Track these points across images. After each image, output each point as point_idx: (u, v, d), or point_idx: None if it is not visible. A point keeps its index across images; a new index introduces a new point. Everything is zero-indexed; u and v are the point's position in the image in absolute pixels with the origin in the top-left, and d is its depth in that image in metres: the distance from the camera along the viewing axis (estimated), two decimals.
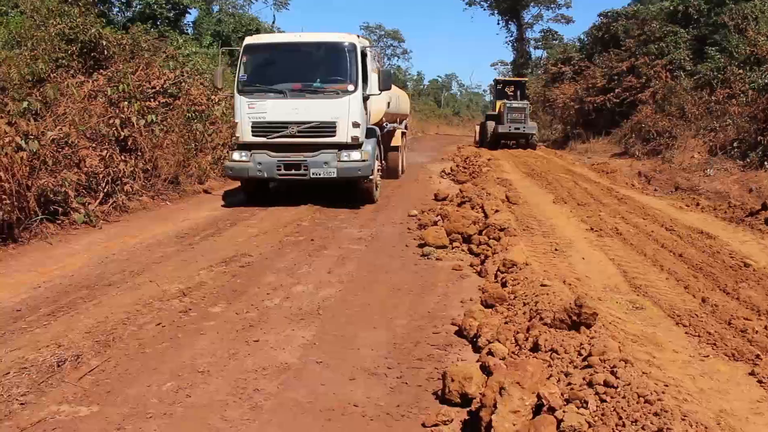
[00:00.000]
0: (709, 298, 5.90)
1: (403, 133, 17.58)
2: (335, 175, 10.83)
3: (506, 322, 4.95)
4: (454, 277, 7.01)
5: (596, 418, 2.99)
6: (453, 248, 8.25)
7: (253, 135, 11.12)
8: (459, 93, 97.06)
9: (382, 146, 13.06)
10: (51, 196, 8.83)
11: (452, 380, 3.88)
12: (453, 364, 4.07)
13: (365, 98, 11.30)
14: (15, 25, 15.13)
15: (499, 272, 6.62)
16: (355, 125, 10.91)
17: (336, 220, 10.37)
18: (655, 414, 2.86)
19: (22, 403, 3.86)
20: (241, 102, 11.22)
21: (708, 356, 4.58)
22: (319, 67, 11.53)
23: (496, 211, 9.40)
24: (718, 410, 3.61)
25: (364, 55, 11.40)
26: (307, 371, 4.42)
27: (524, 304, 5.27)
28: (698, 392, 3.84)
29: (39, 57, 12.16)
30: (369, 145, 11.29)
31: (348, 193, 11.93)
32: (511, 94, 30.24)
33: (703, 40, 24.82)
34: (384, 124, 13.52)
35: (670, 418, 2.81)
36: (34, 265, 7.20)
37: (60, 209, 9.01)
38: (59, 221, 8.99)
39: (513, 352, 4.36)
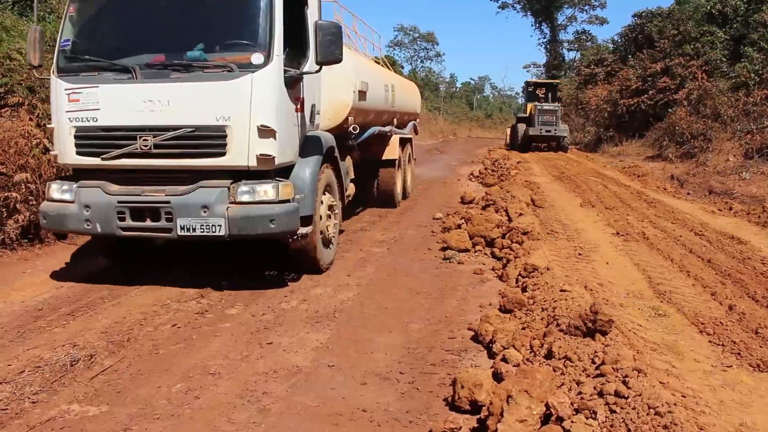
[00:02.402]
0: (737, 305, 5.71)
1: (405, 141, 12.94)
2: (224, 233, 5.78)
3: (523, 328, 4.86)
4: (474, 281, 6.93)
5: (604, 430, 2.90)
6: (475, 252, 8.17)
7: (78, 152, 6.18)
8: (492, 95, 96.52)
9: (346, 168, 8.24)
10: None
11: (462, 387, 3.81)
12: (464, 371, 3.99)
13: (293, 79, 6.26)
14: None
15: (520, 277, 6.53)
16: (266, 132, 5.84)
17: (360, 223, 10.33)
18: (665, 427, 2.76)
19: (33, 402, 3.90)
20: (59, 90, 6.19)
21: (731, 366, 4.42)
22: (198, 24, 6.37)
23: (520, 214, 9.28)
24: (738, 424, 3.47)
25: (293, 2, 6.45)
26: (317, 375, 4.39)
27: (542, 310, 5.17)
28: (718, 404, 3.70)
29: None
30: (304, 170, 6.48)
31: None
32: (543, 96, 29.92)
33: (740, 40, 24.27)
34: (351, 128, 8.54)
35: (681, 431, 2.70)
36: (59, 265, 7.31)
37: None
38: None
39: (527, 359, 4.27)
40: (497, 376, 4.02)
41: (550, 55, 61.41)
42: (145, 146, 5.91)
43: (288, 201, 6.02)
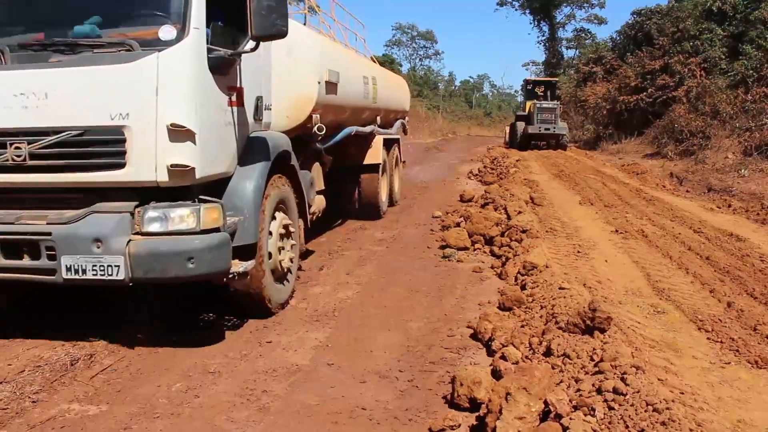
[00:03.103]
0: (735, 302, 5.72)
1: (391, 142, 11.52)
2: (123, 276, 4.29)
3: (522, 326, 4.88)
4: (473, 279, 6.94)
5: (603, 426, 2.90)
6: (474, 250, 8.18)
7: None
8: (491, 94, 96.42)
9: (309, 178, 6.87)
10: None
11: (461, 384, 3.82)
12: (463, 368, 4.00)
13: (223, 62, 4.84)
14: None
15: (519, 275, 6.53)
16: (180, 134, 4.41)
17: (358, 222, 10.34)
18: (663, 423, 2.77)
19: (33, 401, 3.91)
20: None
21: (729, 363, 4.43)
22: None
23: (519, 212, 9.28)
24: (736, 420, 3.48)
25: None
26: (317, 373, 4.40)
27: (541, 308, 5.19)
28: (716, 401, 3.71)
29: None
30: (244, 184, 5.07)
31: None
32: (542, 94, 29.91)
33: (739, 37, 24.26)
34: (316, 129, 6.88)
35: (678, 427, 2.72)
36: None
37: None
38: None
39: (526, 357, 4.28)
40: (496, 374, 4.02)
41: (549, 53, 61.38)
42: (18, 156, 4.40)
43: (215, 230, 4.47)
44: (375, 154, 10.04)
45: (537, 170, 18.68)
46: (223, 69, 4.81)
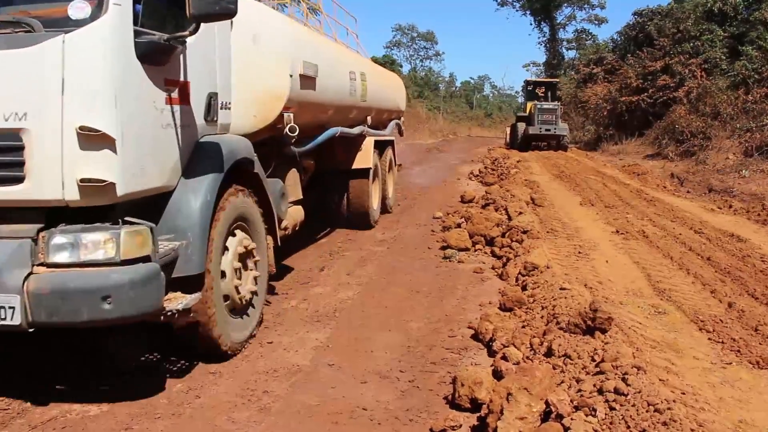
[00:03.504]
0: (736, 303, 5.72)
1: (384, 145, 10.79)
2: (19, 320, 3.39)
3: (523, 326, 4.88)
4: (474, 279, 6.94)
5: (604, 427, 2.90)
6: (475, 250, 8.18)
7: None
8: (491, 95, 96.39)
9: (279, 189, 5.86)
10: None
11: (462, 385, 3.82)
12: (464, 369, 4.00)
13: (157, 49, 3.89)
14: None
15: (520, 275, 6.53)
16: (95, 139, 3.48)
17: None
18: (664, 423, 2.77)
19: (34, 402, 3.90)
20: None
21: (731, 363, 4.43)
22: None
23: (520, 213, 9.29)
24: (737, 420, 3.48)
25: None
26: (318, 374, 4.40)
27: (542, 308, 5.19)
28: (717, 401, 3.71)
29: None
30: (188, 200, 4.17)
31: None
32: (542, 95, 29.90)
33: (740, 38, 24.27)
34: (288, 130, 5.89)
35: (679, 427, 2.72)
36: None
37: None
38: None
39: (527, 357, 4.28)
40: (497, 374, 4.03)
41: (549, 54, 61.37)
42: None
43: (143, 259, 3.55)
44: (365, 158, 9.20)
45: (538, 171, 18.68)
46: (157, 58, 3.84)
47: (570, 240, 8.41)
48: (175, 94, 4.08)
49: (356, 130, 8.89)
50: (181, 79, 4.17)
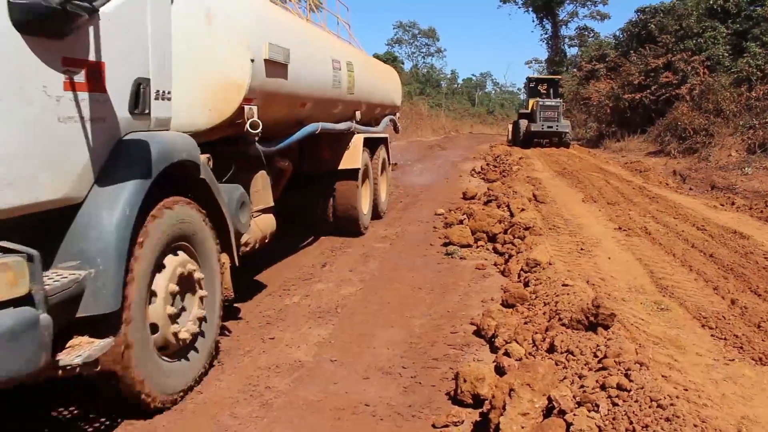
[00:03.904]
0: (739, 299, 5.71)
1: (375, 143, 9.97)
2: None
3: (526, 322, 4.87)
4: (476, 276, 6.93)
5: (607, 422, 2.89)
6: (477, 247, 8.17)
7: None
8: (493, 92, 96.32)
9: (237, 198, 4.84)
10: None
11: (464, 381, 3.81)
12: (466, 365, 3.99)
13: (46, 15, 2.73)
14: None
15: (522, 272, 6.52)
16: None
17: None
18: (667, 419, 2.76)
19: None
20: None
21: (733, 360, 4.42)
22: None
23: (522, 209, 9.28)
24: (740, 417, 3.47)
25: None
26: (320, 369, 4.40)
27: (545, 304, 5.18)
28: (720, 397, 3.71)
29: None
30: (100, 215, 3.18)
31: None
32: (545, 92, 29.90)
33: (743, 35, 24.21)
34: (249, 126, 5.09)
35: (682, 423, 2.71)
36: None
37: None
38: None
39: (530, 353, 4.27)
40: (499, 370, 4.02)
41: (551, 51, 61.31)
42: None
43: (15, 302, 2.60)
44: (353, 157, 8.38)
45: (540, 168, 18.66)
46: (49, 28, 2.85)
47: (572, 237, 8.40)
48: (80, 78, 3.05)
49: (342, 126, 8.08)
50: (91, 58, 3.14)
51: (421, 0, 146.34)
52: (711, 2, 26.49)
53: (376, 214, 9.99)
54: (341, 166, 8.30)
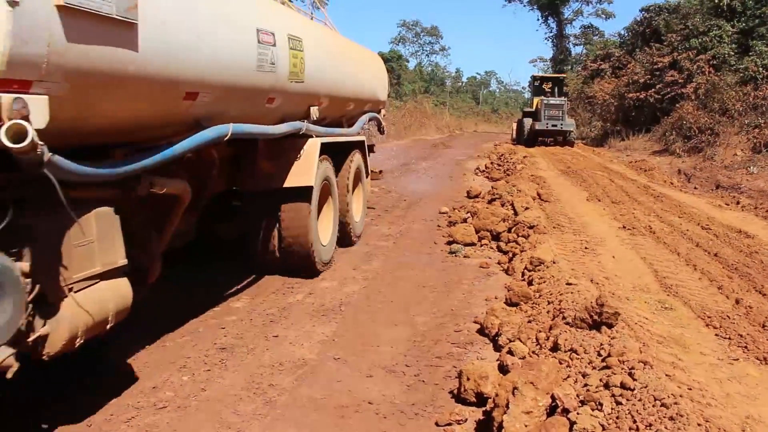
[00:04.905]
0: (744, 299, 5.68)
1: (342, 149, 7.77)
2: None
3: (529, 321, 4.86)
4: (480, 274, 6.93)
5: (610, 421, 2.89)
6: (481, 245, 8.17)
7: None
8: (498, 90, 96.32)
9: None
10: None
11: (468, 379, 3.82)
12: (469, 363, 4.00)
13: None
14: None
15: (526, 270, 6.52)
16: None
17: (366, 217, 10.32)
18: (671, 418, 2.75)
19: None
20: None
21: (738, 359, 4.40)
22: None
23: (526, 208, 9.27)
24: (744, 416, 3.46)
25: None
26: (323, 367, 4.40)
27: (548, 303, 5.17)
28: (724, 397, 3.69)
29: None
30: None
31: None
32: (549, 90, 29.83)
33: (749, 34, 24.10)
34: (5, 139, 2.42)
35: (686, 422, 2.70)
36: None
37: None
38: None
39: (533, 352, 4.27)
40: (503, 369, 4.02)
41: (556, 50, 61.17)
42: None
43: None
44: (303, 171, 6.20)
45: (544, 166, 18.61)
46: None
47: (576, 235, 8.38)
48: None
49: (282, 128, 5.76)
50: None
51: (427, 0, 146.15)
52: (717, 1, 26.38)
53: (346, 241, 7.95)
54: (287, 183, 6.16)
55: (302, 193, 6.25)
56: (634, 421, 2.82)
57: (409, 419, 3.70)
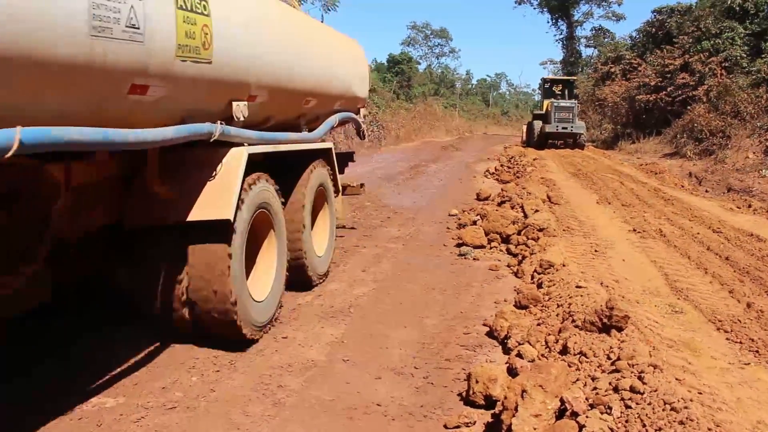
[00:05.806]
0: (755, 303, 5.65)
1: (299, 160, 6.03)
2: None
3: (539, 324, 4.85)
4: (490, 277, 6.92)
5: (619, 425, 2.87)
6: (491, 248, 8.15)
7: None
8: (508, 92, 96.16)
9: None
10: None
11: (477, 381, 3.81)
12: (478, 366, 3.99)
13: None
14: None
15: (535, 273, 6.50)
16: None
17: (376, 219, 10.33)
18: (681, 422, 2.74)
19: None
20: None
21: (749, 364, 4.38)
22: None
23: (536, 210, 9.25)
24: (756, 421, 3.44)
25: None
26: (332, 369, 4.41)
27: (558, 306, 5.16)
28: (735, 401, 3.67)
29: None
30: None
31: None
32: (559, 93, 29.72)
33: (761, 35, 23.96)
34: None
35: (696, 427, 2.69)
36: None
37: None
38: None
39: (542, 355, 4.26)
40: (512, 372, 4.01)
41: (566, 52, 61.02)
42: None
43: None
44: (217, 196, 4.28)
45: (554, 169, 18.56)
46: None
47: (586, 238, 8.35)
48: None
49: (169, 133, 3.64)
50: None
51: (437, 2, 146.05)
52: (729, 2, 26.23)
53: (302, 284, 6.14)
54: (192, 217, 4.23)
55: (217, 230, 4.28)
56: (644, 425, 2.80)
57: (417, 421, 3.69)
